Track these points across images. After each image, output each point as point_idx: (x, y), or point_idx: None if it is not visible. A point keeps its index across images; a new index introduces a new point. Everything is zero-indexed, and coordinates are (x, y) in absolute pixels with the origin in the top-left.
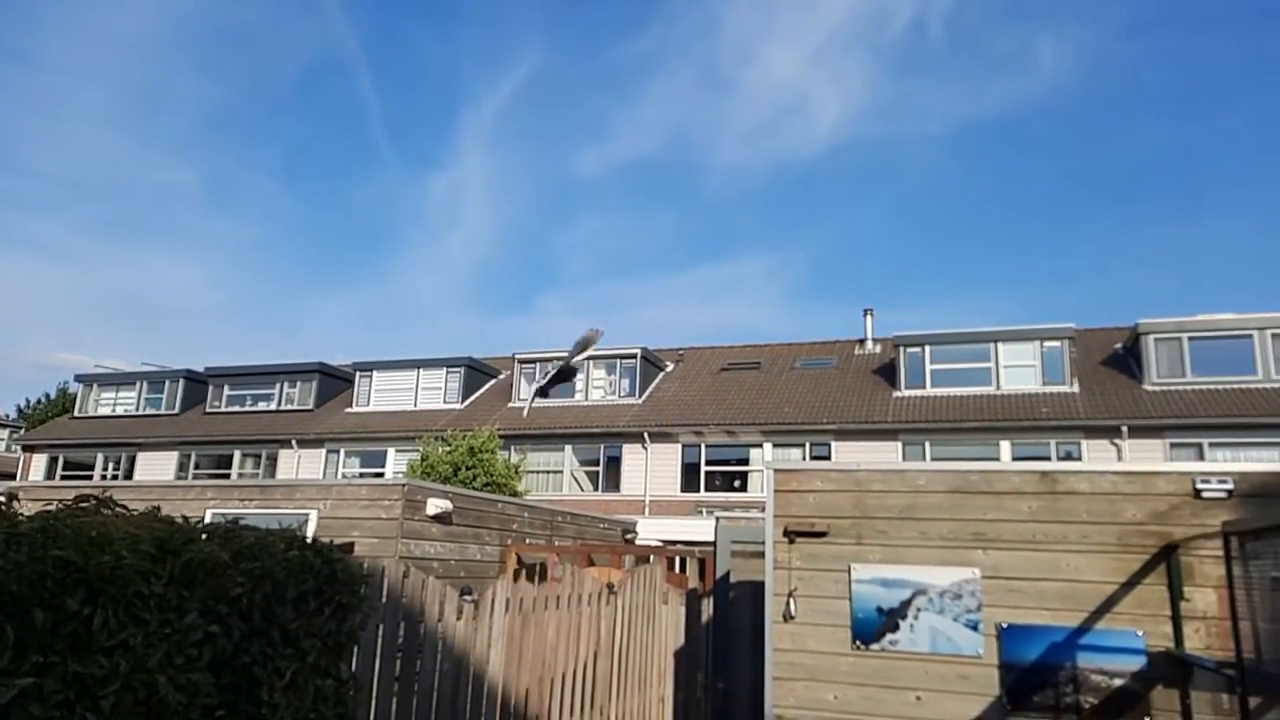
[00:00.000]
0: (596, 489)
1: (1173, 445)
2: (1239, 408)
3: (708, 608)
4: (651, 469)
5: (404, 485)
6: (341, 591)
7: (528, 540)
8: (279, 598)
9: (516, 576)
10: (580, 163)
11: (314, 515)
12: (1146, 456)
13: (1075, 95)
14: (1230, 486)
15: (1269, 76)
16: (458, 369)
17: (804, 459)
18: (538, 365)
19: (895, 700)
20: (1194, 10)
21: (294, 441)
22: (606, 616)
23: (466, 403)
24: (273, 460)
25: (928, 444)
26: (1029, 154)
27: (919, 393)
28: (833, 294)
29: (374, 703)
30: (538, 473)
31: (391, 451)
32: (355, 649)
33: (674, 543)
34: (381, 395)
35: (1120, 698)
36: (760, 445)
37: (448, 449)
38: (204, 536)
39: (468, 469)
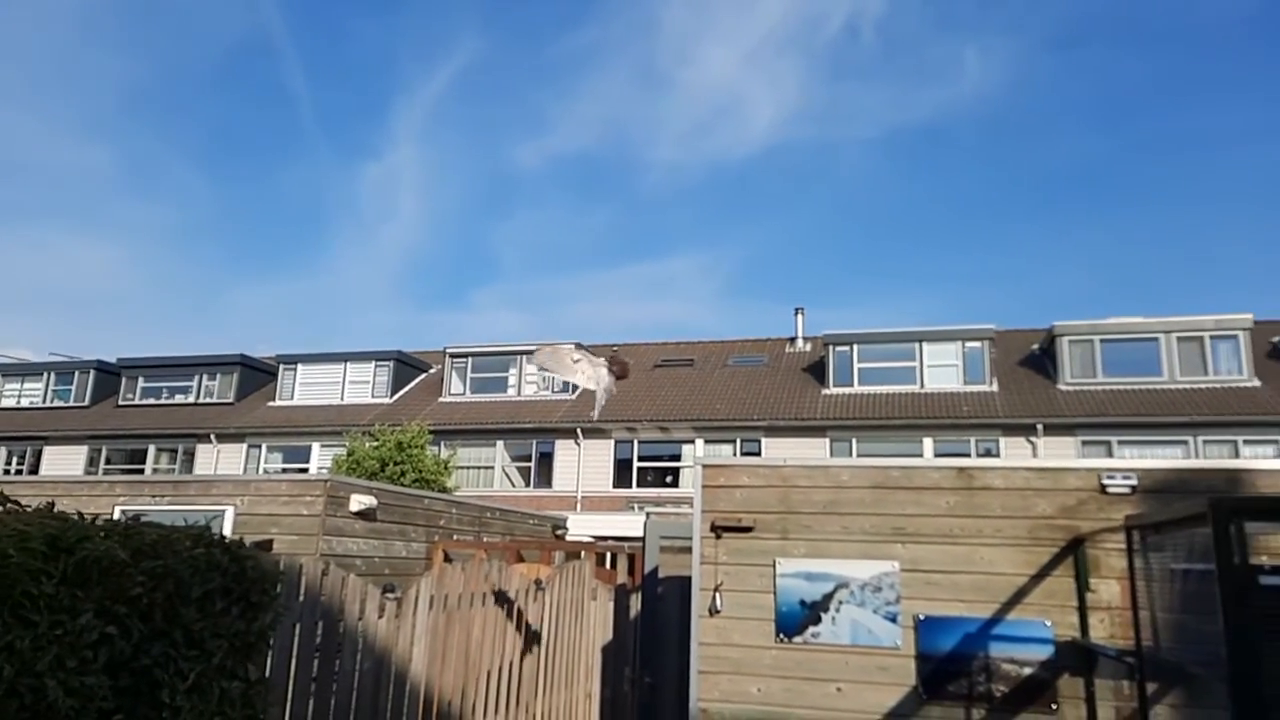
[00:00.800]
0: (528, 485)
1: (1084, 443)
2: (1145, 408)
3: (636, 603)
4: (584, 465)
5: (326, 481)
6: (252, 590)
7: (455, 537)
8: (183, 597)
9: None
10: (517, 156)
11: (230, 512)
12: (1060, 454)
13: (1000, 104)
14: (1134, 483)
15: (1177, 93)
16: (387, 362)
17: (735, 455)
18: (469, 360)
19: (816, 692)
20: (1111, 28)
21: (213, 436)
22: (533, 613)
23: (395, 397)
24: (190, 455)
25: (854, 441)
26: (956, 160)
27: (847, 391)
28: (765, 292)
29: (289, 704)
30: (468, 468)
31: (316, 447)
32: (269, 649)
33: (605, 538)
34: (306, 389)
35: (1029, 685)
36: (693, 441)
37: (375, 444)
38: (102, 534)
39: (396, 465)
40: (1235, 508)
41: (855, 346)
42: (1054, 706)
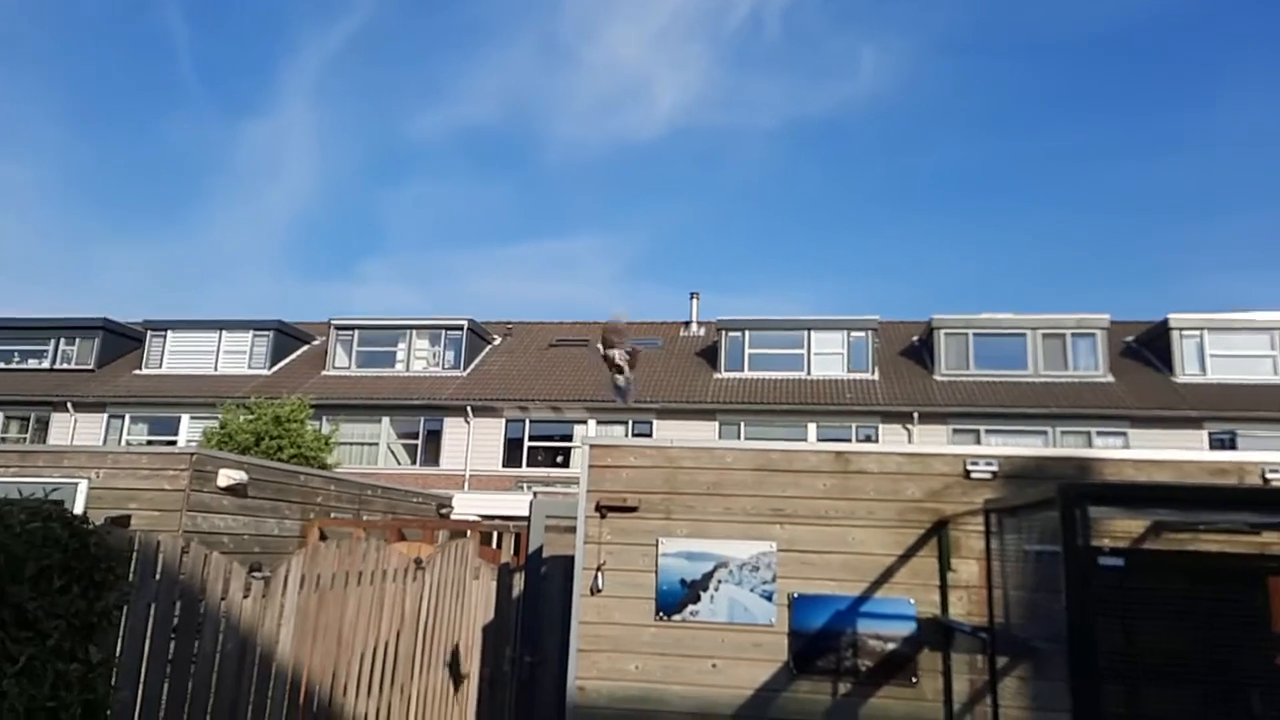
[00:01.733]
0: (415, 463)
1: (955, 431)
2: (1011, 399)
3: (520, 582)
4: (474, 443)
5: (193, 454)
6: (96, 568)
7: (333, 515)
8: (14, 574)
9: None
10: (415, 124)
11: (84, 485)
12: (933, 440)
13: (893, 103)
14: (995, 468)
15: (1060, 104)
16: (266, 332)
17: (627, 436)
18: (356, 332)
19: (692, 669)
20: (1002, 37)
21: (70, 404)
22: (412, 592)
23: (275, 369)
24: (44, 425)
25: (743, 424)
26: (850, 154)
27: (737, 375)
28: (664, 276)
29: (142, 687)
30: (352, 445)
31: (186, 419)
32: (118, 630)
33: (493, 518)
34: (177, 357)
35: (893, 660)
36: (585, 422)
37: (250, 417)
38: None
39: (272, 439)
40: (1081, 493)
41: (747, 333)
42: (914, 680)
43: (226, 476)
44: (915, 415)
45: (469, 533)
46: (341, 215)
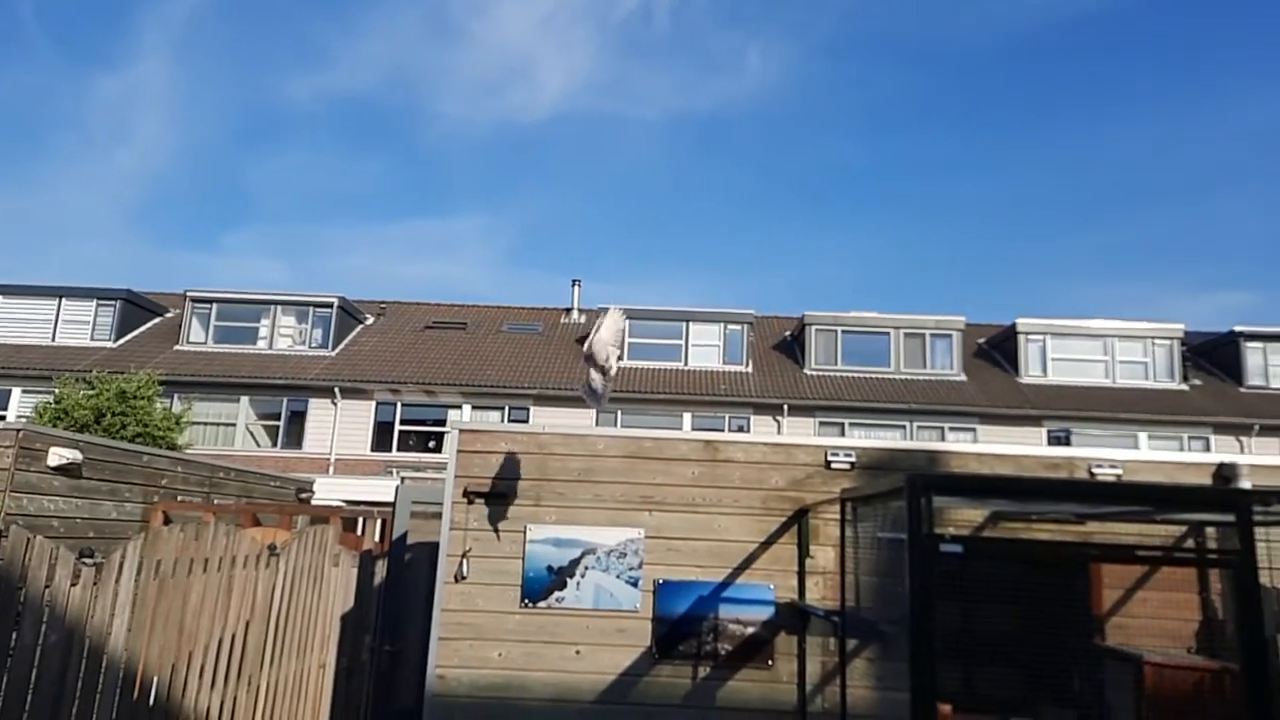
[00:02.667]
0: (275, 445)
1: (821, 423)
2: (874, 394)
3: (383, 570)
4: (340, 426)
5: (19, 431)
6: None
7: (180, 498)
8: None
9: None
10: (287, 89)
11: None
12: (801, 432)
13: (775, 103)
14: (853, 459)
15: (933, 114)
16: (112, 302)
17: (503, 422)
18: (214, 306)
19: (556, 655)
20: (881, 46)
21: None
22: (265, 580)
23: (121, 341)
24: None
25: (620, 413)
26: (732, 150)
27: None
28: (545, 262)
29: None
30: (206, 424)
31: (17, 392)
32: None
33: (359, 503)
34: (9, 325)
35: (751, 644)
36: (460, 407)
37: (91, 392)
38: None
39: (115, 415)
40: (926, 484)
41: (627, 321)
42: (770, 662)
43: (58, 455)
44: (785, 407)
45: (331, 519)
46: (203, 181)
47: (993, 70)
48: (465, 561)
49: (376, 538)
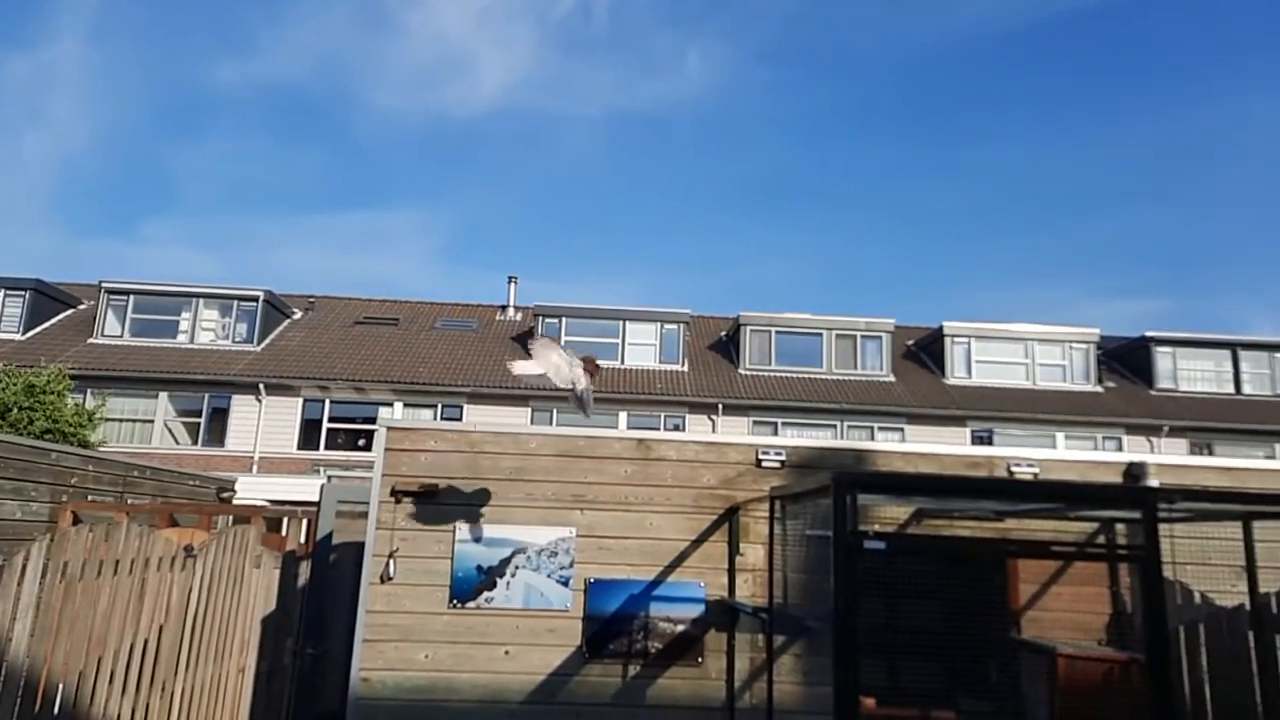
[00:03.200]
0: (196, 443)
1: (755, 423)
2: (807, 394)
3: (307, 571)
4: (265, 423)
5: None
6: None
7: (91, 498)
8: None
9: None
10: (214, 75)
11: None
12: (736, 431)
13: (714, 105)
14: (784, 458)
15: (866, 121)
16: (21, 292)
17: (435, 420)
18: (131, 298)
19: (484, 656)
20: (816, 54)
21: None
22: (181, 582)
23: (30, 333)
24: None
25: (555, 411)
26: (670, 151)
27: None
28: (481, 258)
29: None
30: (122, 421)
31: None
32: None
33: (283, 503)
34: None
35: (681, 641)
36: (391, 404)
37: None
38: None
39: (23, 410)
40: (851, 482)
41: (564, 319)
42: (700, 660)
43: None
44: (720, 407)
45: (253, 519)
46: (123, 168)
47: (925, 80)
48: (392, 562)
49: (302, 538)
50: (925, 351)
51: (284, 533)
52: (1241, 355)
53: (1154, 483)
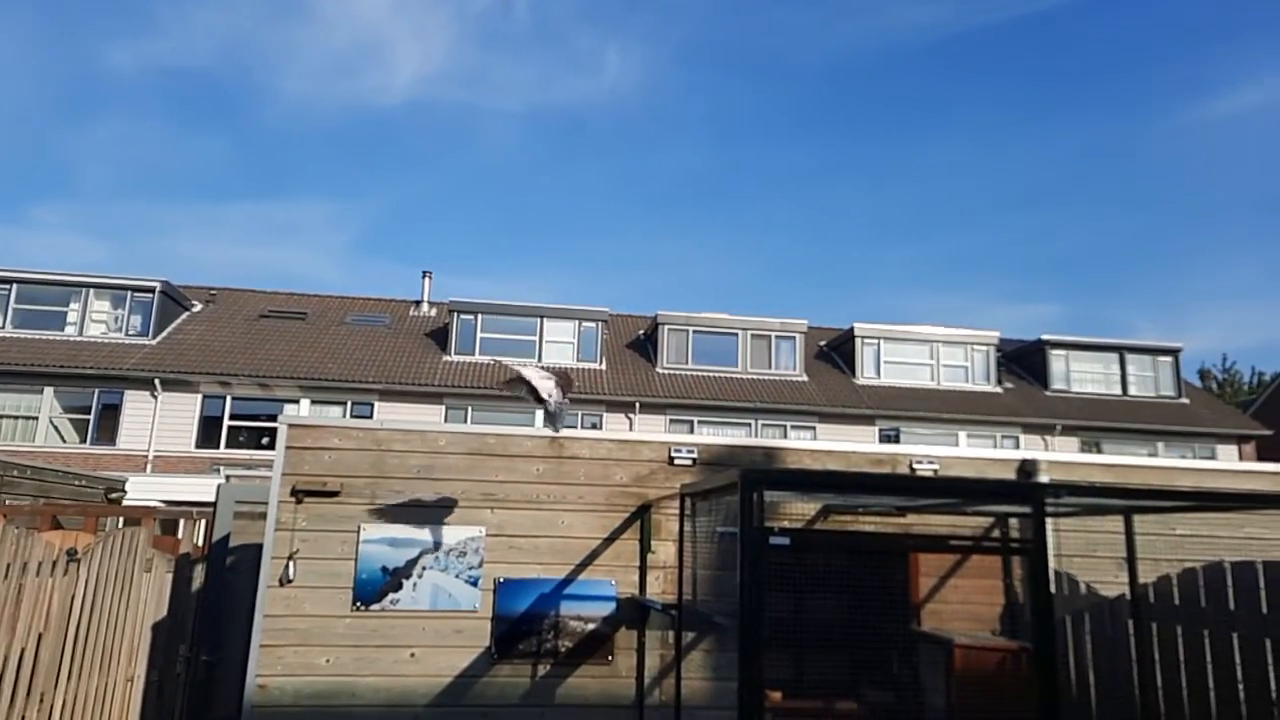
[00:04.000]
0: (85, 441)
1: (672, 421)
2: (723, 393)
3: (202, 574)
4: (161, 421)
5: None
6: None
7: None
8: None
9: None
10: (110, 55)
11: None
12: (653, 429)
13: (633, 105)
14: (695, 456)
15: (783, 125)
16: None
17: (345, 418)
18: (14, 287)
19: (389, 659)
20: (734, 58)
21: None
22: (63, 588)
23: None
24: None
25: (470, 409)
26: (590, 149)
27: (468, 359)
28: (395, 252)
29: None
30: (3, 417)
31: None
32: None
33: (179, 504)
34: None
35: (592, 640)
36: (298, 401)
37: None
38: None
39: None
40: (758, 478)
41: (480, 316)
42: (610, 658)
43: None
44: (637, 405)
45: (144, 520)
46: (7, 148)
47: (840, 86)
48: (292, 563)
49: (199, 541)
50: (837, 352)
51: (179, 535)
52: (1128, 359)
53: (1044, 479)
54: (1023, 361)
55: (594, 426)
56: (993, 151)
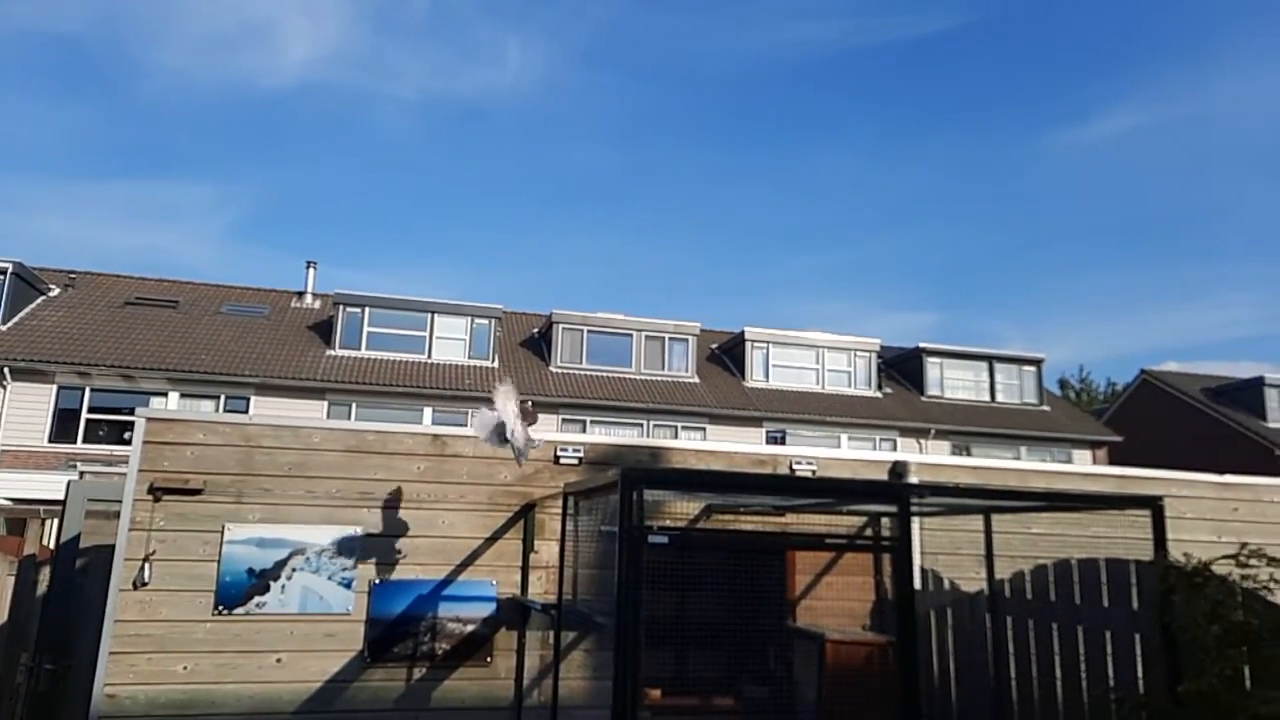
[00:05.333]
0: None
1: (564, 421)
2: (616, 393)
3: (48, 577)
4: (10, 413)
5: None
6: None
7: None
8: None
9: None
10: None
11: None
12: (545, 429)
13: (534, 101)
14: (581, 455)
15: (683, 129)
16: None
17: (217, 413)
18: None
19: (253, 665)
20: (635, 60)
21: None
22: None
23: None
24: None
25: (355, 405)
26: (489, 143)
27: (353, 354)
28: (278, 239)
29: None
30: None
31: None
32: None
33: (30, 501)
34: None
35: (471, 642)
36: (165, 394)
37: None
38: None
39: None
40: (638, 477)
41: (367, 309)
42: (489, 659)
43: None
44: (530, 404)
45: None
46: None
47: (738, 94)
48: (148, 566)
49: (50, 541)
50: (728, 355)
51: (24, 535)
52: (996, 367)
53: (914, 480)
54: (901, 368)
55: None
56: (879, 166)
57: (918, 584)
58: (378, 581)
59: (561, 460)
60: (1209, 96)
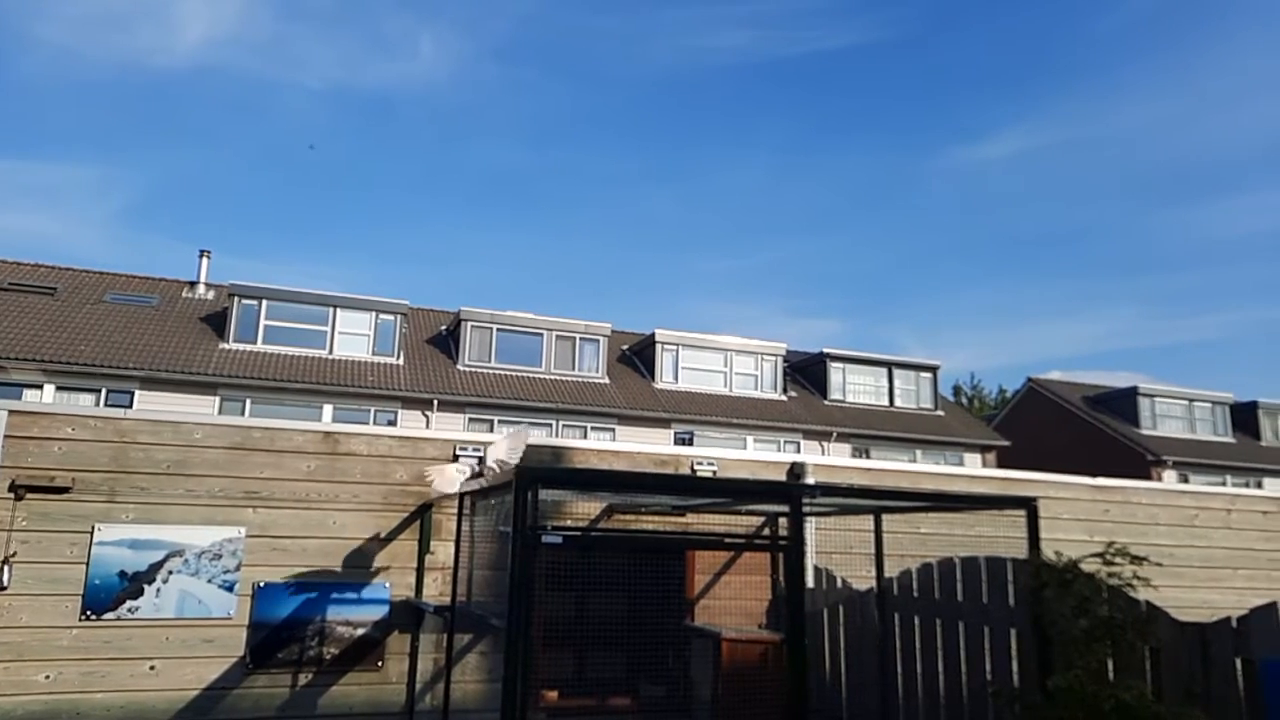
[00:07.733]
0: None
1: (471, 420)
2: (525, 392)
3: None
4: None
5: None
6: None
7: None
8: None
9: None
10: None
11: None
12: (451, 428)
13: (446, 95)
14: (481, 454)
15: (599, 130)
16: None
17: (98, 407)
18: None
19: (124, 673)
20: (545, 54)
21: None
22: None
23: None
24: None
25: (249, 401)
26: (398, 136)
27: (248, 347)
28: (169, 226)
29: None
30: None
31: None
32: None
33: None
34: None
35: (362, 646)
36: (40, 387)
37: None
38: None
39: None
40: (533, 477)
41: (264, 302)
42: (380, 663)
43: None
44: (436, 403)
45: None
46: None
47: (654, 97)
48: (7, 568)
49: None
50: (638, 356)
51: None
52: (895, 373)
53: (811, 480)
54: (806, 372)
55: (390, 424)
56: (788, 176)
57: (811, 583)
58: (262, 584)
59: (461, 459)
60: (1092, 123)
